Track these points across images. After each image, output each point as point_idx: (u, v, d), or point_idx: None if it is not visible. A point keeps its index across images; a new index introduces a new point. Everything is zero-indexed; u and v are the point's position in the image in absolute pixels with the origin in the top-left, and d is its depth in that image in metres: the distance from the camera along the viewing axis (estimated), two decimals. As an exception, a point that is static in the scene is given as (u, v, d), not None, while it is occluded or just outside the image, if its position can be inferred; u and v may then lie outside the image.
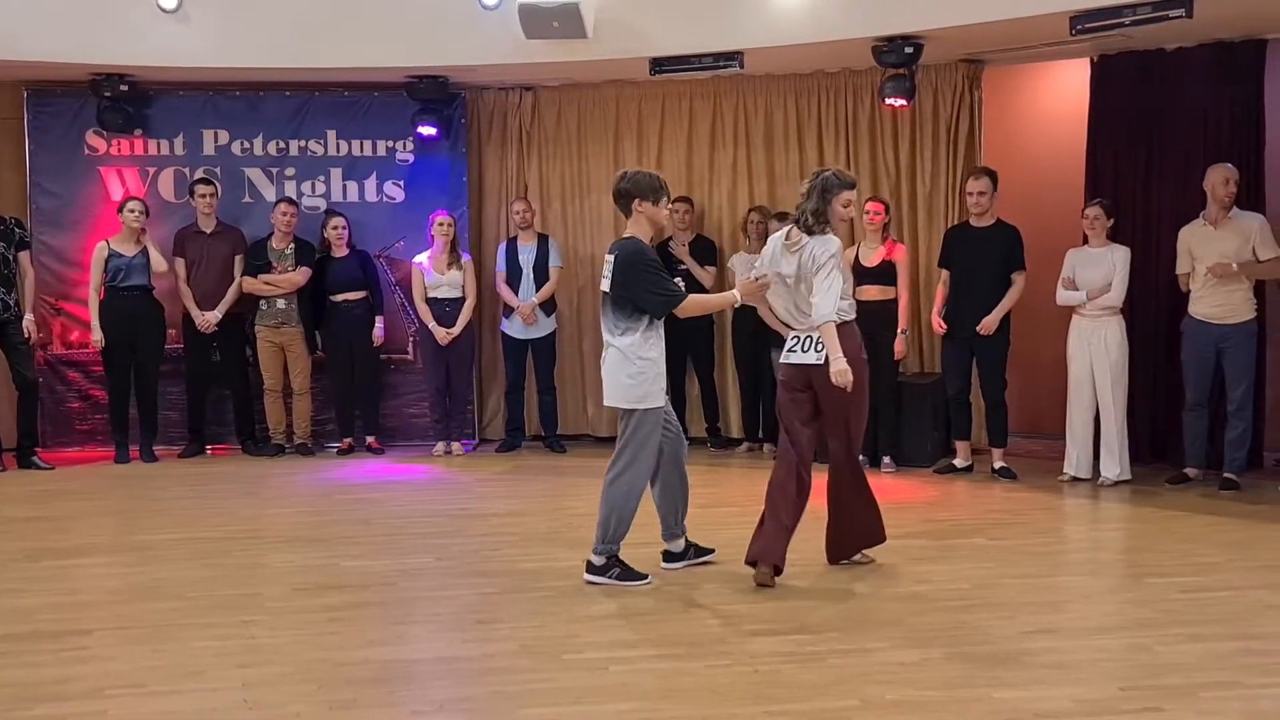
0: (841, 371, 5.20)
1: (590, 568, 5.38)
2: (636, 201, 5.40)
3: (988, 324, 7.67)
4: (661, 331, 5.44)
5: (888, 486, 7.68)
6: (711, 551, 5.73)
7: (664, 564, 5.62)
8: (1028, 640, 4.54)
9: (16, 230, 8.55)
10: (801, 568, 5.61)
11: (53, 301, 9.15)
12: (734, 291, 5.63)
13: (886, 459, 8.14)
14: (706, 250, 9.14)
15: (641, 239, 5.42)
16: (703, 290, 9.03)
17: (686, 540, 5.67)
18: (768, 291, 5.54)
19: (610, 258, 5.41)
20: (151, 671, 4.27)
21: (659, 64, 8.52)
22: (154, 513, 7.12)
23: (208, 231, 9.02)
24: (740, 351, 8.94)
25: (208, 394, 9.15)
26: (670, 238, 9.06)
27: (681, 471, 5.59)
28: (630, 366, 5.33)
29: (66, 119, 9.20)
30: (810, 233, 5.38)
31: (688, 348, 9.09)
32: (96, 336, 8.66)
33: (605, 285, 5.41)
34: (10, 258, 8.45)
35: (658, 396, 5.40)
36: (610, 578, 5.34)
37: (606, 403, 5.50)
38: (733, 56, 8.34)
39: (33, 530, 6.62)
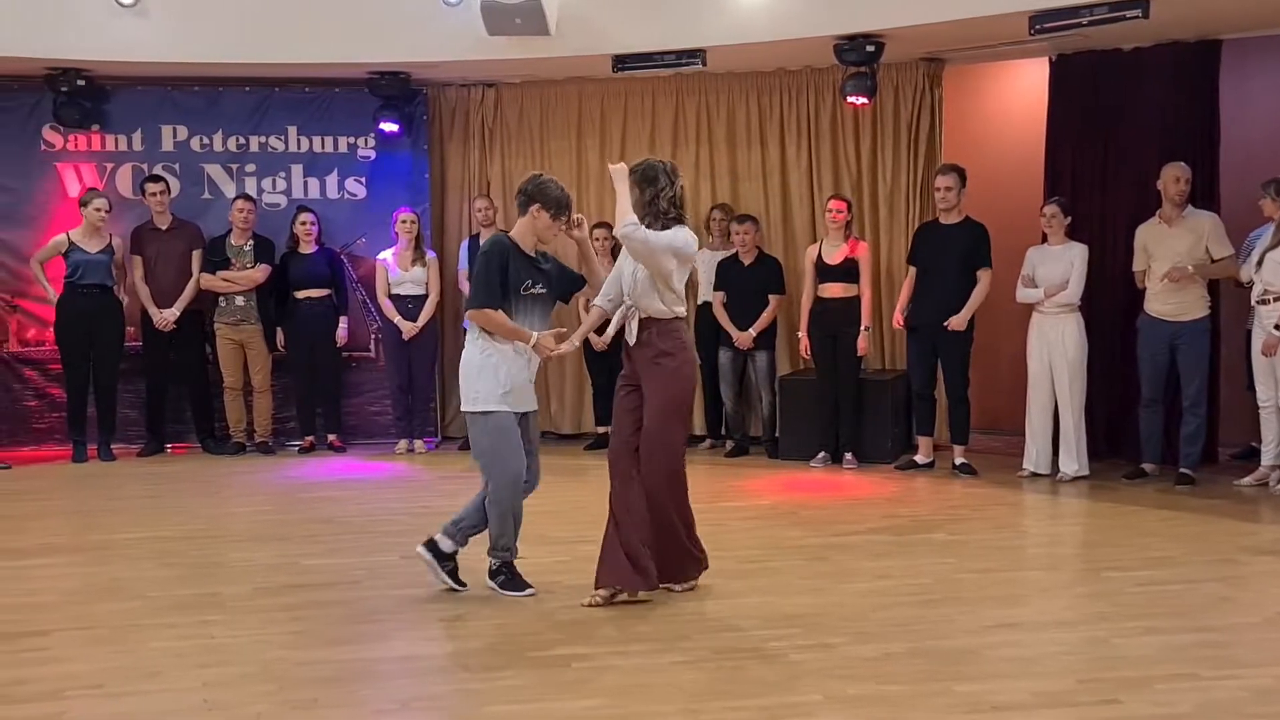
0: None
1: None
2: (536, 207, 5.16)
3: (958, 321, 7.72)
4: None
5: (849, 482, 7.76)
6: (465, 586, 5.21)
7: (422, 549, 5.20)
8: (987, 634, 4.58)
9: (-26, 226, 8.45)
10: (761, 564, 5.64)
11: (8, 299, 9.04)
12: (533, 334, 5.10)
13: (848, 455, 8.19)
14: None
15: (515, 240, 5.17)
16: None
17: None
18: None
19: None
20: (110, 672, 4.24)
21: (621, 61, 8.52)
22: (112, 512, 7.05)
23: (164, 228, 8.94)
24: (700, 348, 8.92)
25: (166, 392, 9.06)
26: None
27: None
28: (468, 365, 5.12)
29: (22, 114, 9.08)
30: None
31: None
32: (50, 291, 8.61)
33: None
34: (-37, 254, 8.35)
35: (493, 400, 5.05)
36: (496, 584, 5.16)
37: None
38: (695, 54, 8.36)
39: (-12, 530, 6.55)
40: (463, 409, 5.20)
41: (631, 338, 5.14)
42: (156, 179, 8.96)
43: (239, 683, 4.13)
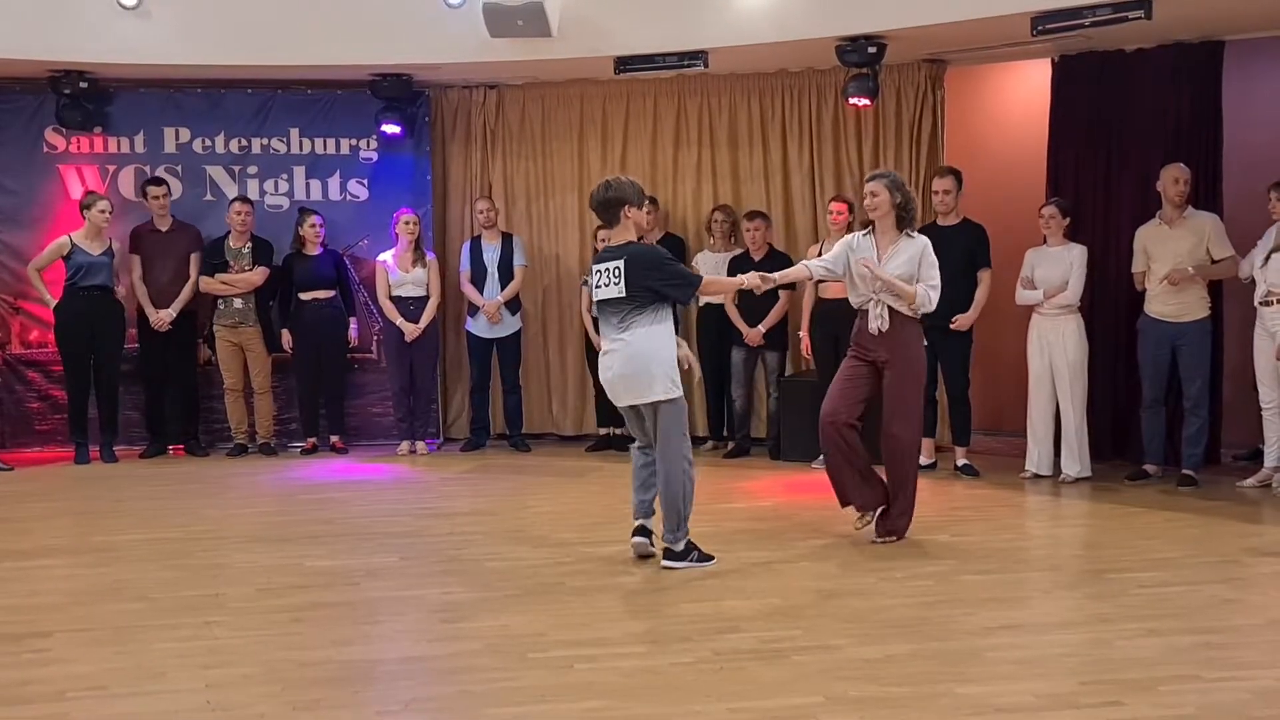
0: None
1: (669, 554, 5.54)
2: (626, 208, 5.55)
3: (964, 320, 7.73)
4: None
5: (852, 484, 7.75)
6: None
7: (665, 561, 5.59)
8: (990, 636, 4.58)
9: (-26, 228, 8.46)
10: (762, 565, 5.64)
11: (11, 300, 9.05)
12: (746, 276, 5.91)
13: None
14: (675, 248, 9.13)
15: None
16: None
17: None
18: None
19: (611, 265, 5.47)
20: (114, 674, 4.24)
21: (623, 63, 8.53)
22: (115, 513, 7.06)
23: (163, 230, 8.95)
24: (705, 349, 8.95)
25: (165, 393, 9.07)
26: (641, 237, 9.09)
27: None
28: (659, 354, 5.48)
29: (25, 116, 9.11)
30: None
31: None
32: (47, 297, 8.61)
33: (611, 292, 5.46)
34: (-34, 257, 8.36)
35: (679, 386, 5.60)
36: (690, 560, 5.53)
37: (632, 402, 5.57)
38: (697, 55, 8.37)
39: (-9, 532, 6.56)
40: (660, 397, 5.49)
41: (884, 324, 5.92)
42: (158, 181, 8.97)
43: (242, 684, 4.13)
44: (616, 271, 5.44)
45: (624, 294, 5.43)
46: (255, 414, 9.13)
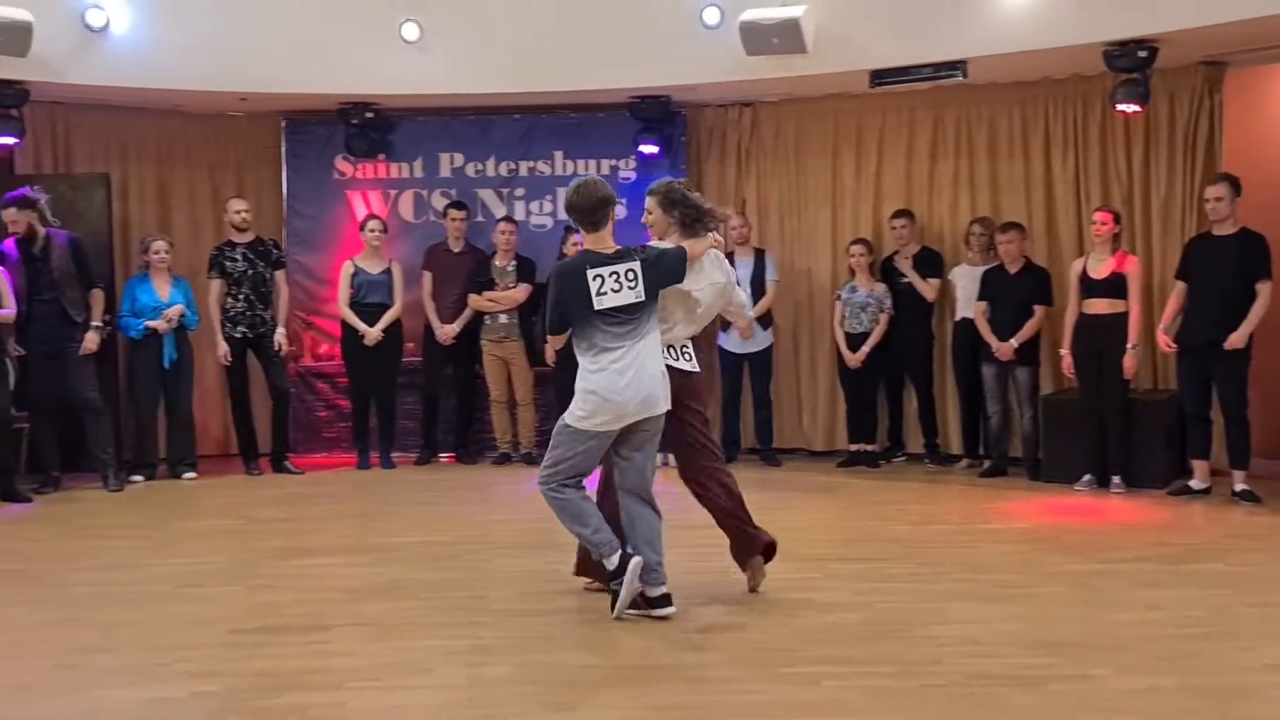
0: None
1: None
2: (612, 207, 5.32)
3: (1237, 338, 7.28)
4: None
5: (1117, 507, 7.42)
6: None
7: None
8: (1268, 674, 4.30)
9: (274, 251, 9.21)
10: (1019, 590, 5.47)
11: (304, 317, 9.79)
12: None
13: (1116, 478, 7.82)
14: (932, 262, 9.01)
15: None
16: (924, 304, 8.93)
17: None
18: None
19: (624, 268, 5.09)
20: (387, 667, 4.52)
21: (879, 76, 8.45)
22: (391, 516, 7.50)
23: (455, 250, 9.47)
24: (960, 364, 8.76)
25: (440, 404, 9.58)
26: (895, 252, 9.04)
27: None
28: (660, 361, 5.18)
29: (318, 146, 9.84)
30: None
31: (905, 361, 9.01)
32: (372, 332, 9.11)
33: (628, 297, 5.07)
34: (267, 276, 9.10)
35: None
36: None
37: (647, 415, 5.10)
38: (955, 66, 8.20)
39: (283, 530, 7.09)
40: (667, 406, 5.15)
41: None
42: (460, 206, 9.48)
43: (502, 682, 4.34)
44: (632, 275, 5.07)
45: (643, 298, 5.11)
46: (518, 425, 9.52)
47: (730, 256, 9.25)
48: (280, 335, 9.09)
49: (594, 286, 5.06)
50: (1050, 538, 6.56)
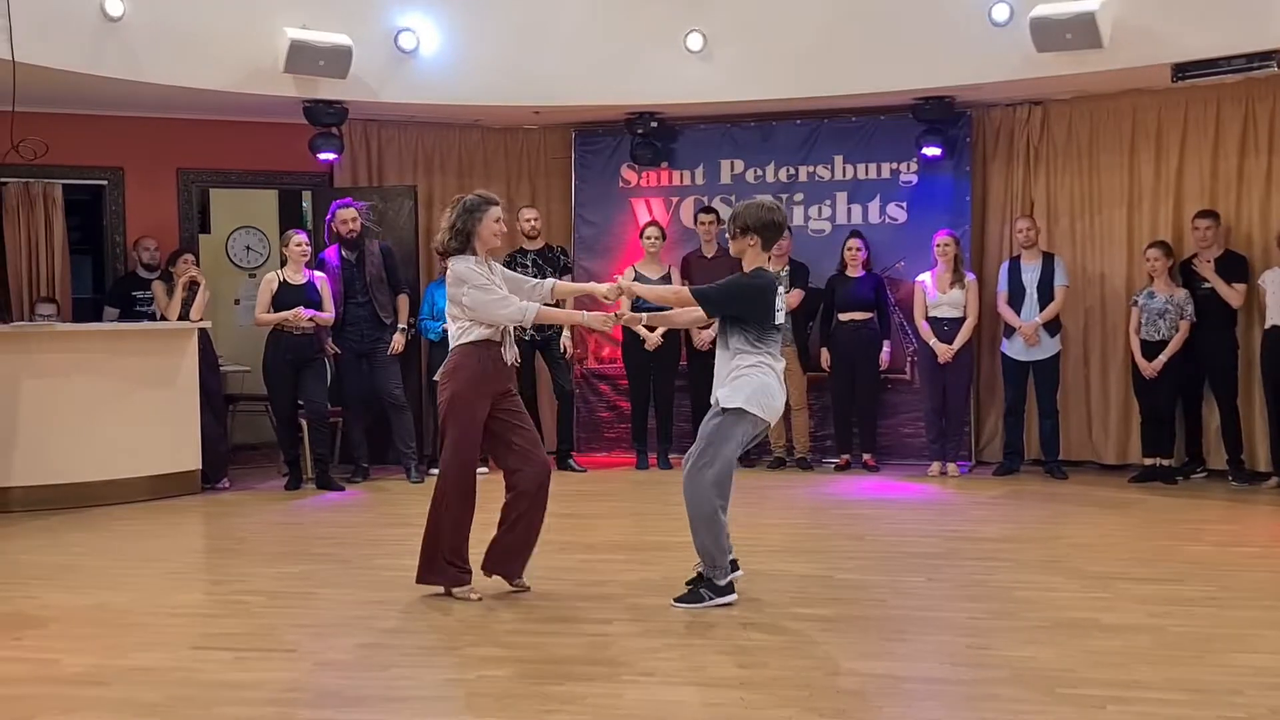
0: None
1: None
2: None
3: None
4: None
5: None
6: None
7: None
8: None
9: (562, 257, 9.61)
10: (1337, 621, 5.06)
11: (586, 321, 10.15)
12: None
13: None
14: (1236, 266, 8.43)
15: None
16: (1227, 310, 8.40)
17: None
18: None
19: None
20: (663, 663, 4.64)
21: (1182, 69, 8.01)
22: (666, 516, 7.62)
23: (709, 256, 9.61)
24: (1269, 375, 8.15)
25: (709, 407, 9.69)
26: (1195, 255, 8.53)
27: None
28: None
29: (605, 155, 10.21)
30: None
31: (1206, 371, 8.47)
32: (652, 337, 9.31)
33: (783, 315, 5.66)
34: (556, 281, 9.50)
35: None
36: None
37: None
38: (1269, 56, 7.68)
39: (565, 526, 7.32)
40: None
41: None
42: (708, 210, 9.67)
43: (772, 685, 4.38)
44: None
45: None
46: (793, 430, 9.55)
47: (1016, 260, 9.02)
48: (565, 339, 9.45)
49: (780, 303, 5.53)
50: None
